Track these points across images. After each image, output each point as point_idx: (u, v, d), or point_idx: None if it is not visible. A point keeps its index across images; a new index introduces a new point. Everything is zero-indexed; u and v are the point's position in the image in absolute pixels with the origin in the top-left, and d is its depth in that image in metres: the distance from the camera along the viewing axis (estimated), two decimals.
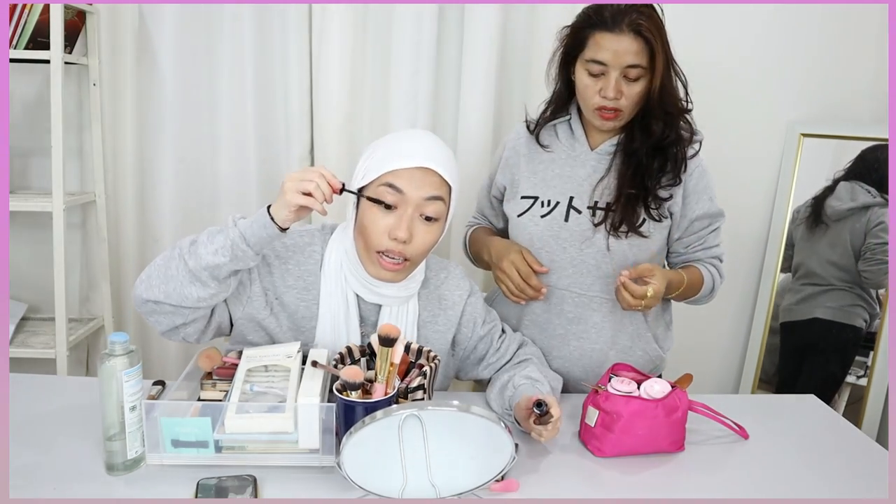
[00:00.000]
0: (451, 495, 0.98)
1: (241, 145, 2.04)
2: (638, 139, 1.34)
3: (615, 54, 1.25)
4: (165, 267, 1.13)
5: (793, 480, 1.11)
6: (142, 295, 1.14)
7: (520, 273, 1.36)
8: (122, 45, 1.97)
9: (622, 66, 1.26)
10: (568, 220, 1.38)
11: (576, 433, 1.21)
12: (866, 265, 2.03)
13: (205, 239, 1.11)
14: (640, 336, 1.43)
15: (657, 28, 1.26)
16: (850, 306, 2.08)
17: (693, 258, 1.46)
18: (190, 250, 1.11)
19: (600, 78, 1.29)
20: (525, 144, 1.47)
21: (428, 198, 1.15)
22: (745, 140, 2.16)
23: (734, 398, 1.80)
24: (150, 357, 2.12)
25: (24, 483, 0.99)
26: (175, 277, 1.11)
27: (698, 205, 1.40)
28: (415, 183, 1.14)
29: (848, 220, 2.06)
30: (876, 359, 2.03)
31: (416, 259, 1.19)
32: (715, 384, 2.32)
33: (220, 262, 1.09)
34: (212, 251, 1.09)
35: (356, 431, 0.93)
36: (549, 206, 1.40)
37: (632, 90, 1.28)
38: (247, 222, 1.11)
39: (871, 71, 2.11)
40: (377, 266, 1.18)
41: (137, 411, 1.02)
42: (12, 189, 2.06)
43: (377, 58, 2.02)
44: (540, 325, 1.44)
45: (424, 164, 1.14)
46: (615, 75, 1.26)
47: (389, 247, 1.14)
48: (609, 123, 1.34)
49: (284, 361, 1.15)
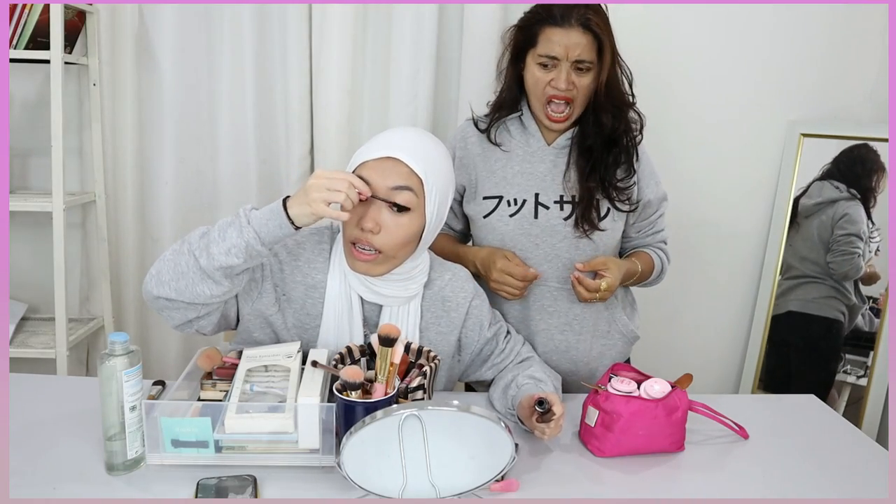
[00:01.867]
0: (451, 495, 0.98)
1: (241, 145, 2.04)
2: (591, 134, 1.39)
3: (565, 48, 1.31)
4: (175, 263, 1.11)
5: (793, 480, 1.11)
6: (152, 291, 1.13)
7: (514, 276, 1.37)
8: (122, 45, 1.97)
9: (572, 59, 1.32)
10: (538, 217, 1.40)
11: (576, 433, 1.21)
12: (833, 256, 2.09)
13: (216, 236, 1.08)
14: (615, 319, 1.48)
15: (604, 23, 1.32)
16: (823, 298, 2.11)
17: (643, 243, 1.54)
18: (200, 245, 1.09)
19: (552, 70, 1.34)
20: (477, 143, 1.48)
21: (393, 187, 1.14)
22: (745, 140, 2.16)
23: (734, 398, 1.80)
24: (150, 357, 2.12)
25: (24, 483, 0.99)
26: (186, 275, 1.09)
27: (648, 189, 1.45)
28: (381, 173, 1.14)
29: (816, 216, 2.12)
30: (876, 359, 2.03)
31: (389, 251, 1.16)
32: (715, 384, 2.32)
33: (233, 263, 1.08)
34: (224, 250, 1.07)
35: (356, 431, 0.93)
36: (515, 204, 1.41)
37: (582, 82, 1.33)
38: (261, 219, 1.08)
39: (871, 71, 2.12)
40: (353, 258, 1.18)
41: (137, 411, 1.02)
42: (12, 189, 2.06)
43: (377, 58, 2.02)
44: (523, 322, 1.46)
45: (390, 153, 1.14)
46: (566, 67, 1.32)
47: (359, 237, 1.15)
48: (558, 125, 1.39)
49: (284, 361, 1.15)
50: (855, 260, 2.05)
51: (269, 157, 2.07)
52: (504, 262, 1.38)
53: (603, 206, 1.40)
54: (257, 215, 1.09)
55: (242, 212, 1.10)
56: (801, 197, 2.16)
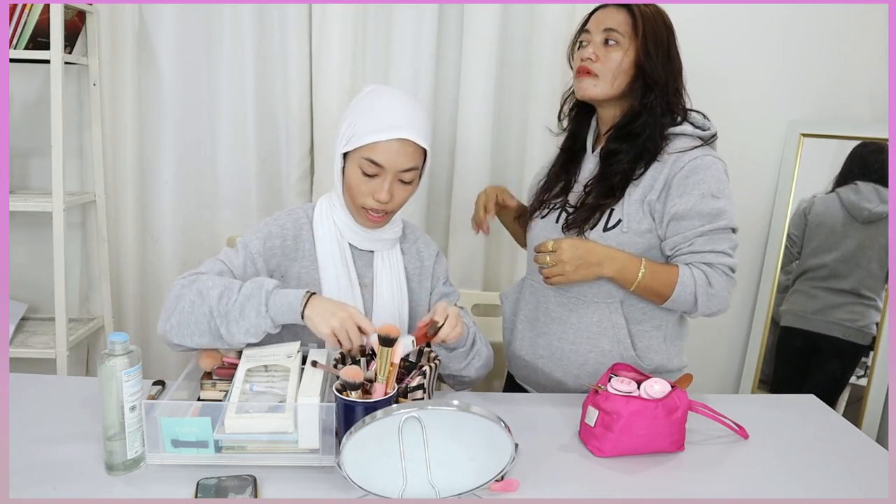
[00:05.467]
0: (451, 495, 0.98)
1: (241, 146, 2.04)
2: (618, 143, 1.35)
3: (599, 21, 1.34)
4: (196, 321, 1.18)
5: (793, 480, 1.11)
6: (172, 340, 1.21)
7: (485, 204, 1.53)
8: (122, 45, 1.97)
9: (601, 29, 1.33)
10: (558, 222, 1.40)
11: (576, 433, 1.22)
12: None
13: (237, 314, 1.16)
14: (619, 341, 1.36)
15: (651, 13, 1.33)
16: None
17: (680, 262, 1.31)
18: (220, 312, 1.17)
19: (587, 47, 1.35)
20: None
21: (404, 170, 1.27)
22: (745, 140, 2.16)
23: (734, 398, 1.80)
24: (150, 357, 2.12)
25: (24, 483, 0.99)
26: (207, 334, 1.19)
27: (681, 199, 1.28)
28: (392, 157, 1.25)
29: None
30: (876, 359, 2.03)
31: (395, 210, 1.34)
32: (715, 384, 2.32)
33: (251, 342, 1.19)
34: (244, 330, 1.17)
35: (356, 431, 0.93)
36: (547, 208, 1.44)
37: (609, 54, 1.32)
38: (278, 309, 1.17)
39: (871, 71, 2.12)
40: (364, 218, 1.32)
41: (137, 411, 1.02)
42: (12, 189, 2.06)
43: (377, 58, 2.03)
44: (530, 321, 1.46)
45: (401, 135, 1.24)
46: (596, 39, 1.34)
47: (373, 206, 1.28)
48: (581, 93, 1.37)
49: (284, 361, 1.15)
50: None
51: (269, 157, 2.07)
52: (492, 189, 1.59)
53: (614, 217, 1.32)
54: (276, 303, 1.17)
55: (264, 293, 1.17)
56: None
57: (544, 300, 1.43)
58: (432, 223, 2.16)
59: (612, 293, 1.36)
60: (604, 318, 1.36)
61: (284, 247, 1.33)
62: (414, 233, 1.47)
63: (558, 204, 1.43)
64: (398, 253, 1.41)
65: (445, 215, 2.15)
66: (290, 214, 1.38)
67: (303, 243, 1.35)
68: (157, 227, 2.09)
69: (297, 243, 1.35)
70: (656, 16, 1.34)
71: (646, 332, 1.38)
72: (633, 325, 1.37)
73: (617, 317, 1.36)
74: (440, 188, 2.14)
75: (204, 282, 1.20)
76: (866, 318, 2.06)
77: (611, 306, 1.36)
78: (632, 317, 1.37)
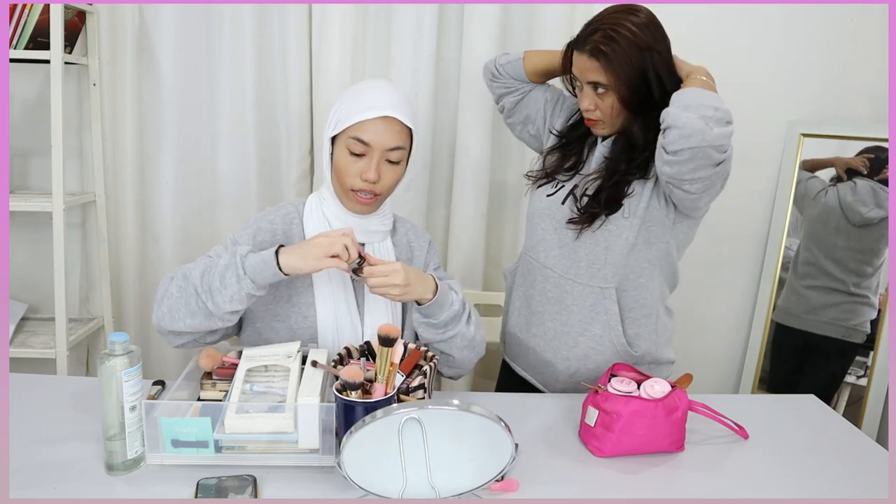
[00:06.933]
0: (451, 495, 0.98)
1: (241, 145, 2.04)
2: (620, 146, 1.39)
3: (581, 72, 1.34)
4: (185, 302, 1.20)
5: (793, 480, 1.12)
6: (166, 327, 1.23)
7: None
8: (122, 45, 1.97)
9: (585, 81, 1.34)
10: (564, 204, 1.42)
11: (576, 433, 1.22)
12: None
13: (218, 283, 1.17)
14: (610, 328, 1.40)
15: (624, 46, 1.27)
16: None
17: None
18: (204, 288, 1.18)
19: (579, 92, 1.38)
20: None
21: (391, 148, 1.27)
22: (746, 140, 2.15)
23: (734, 398, 1.80)
24: (150, 357, 2.12)
25: (24, 483, 0.99)
26: (197, 314, 1.20)
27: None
28: (379, 134, 1.26)
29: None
30: (876, 359, 2.03)
31: (385, 193, 1.33)
32: (715, 384, 2.32)
33: (237, 308, 1.20)
34: (227, 298, 1.18)
35: (356, 431, 0.93)
36: (555, 186, 1.46)
37: (602, 102, 1.34)
38: (255, 268, 1.18)
39: (871, 71, 2.11)
40: (353, 202, 1.31)
41: (137, 411, 1.02)
42: (12, 189, 2.06)
43: (377, 58, 2.02)
44: (525, 300, 1.50)
45: (386, 112, 1.25)
46: (587, 88, 1.35)
47: (362, 187, 1.28)
48: (595, 127, 1.40)
49: (284, 361, 1.15)
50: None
51: (269, 157, 2.07)
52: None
53: (596, 215, 1.37)
54: (251, 264, 1.18)
55: (238, 258, 1.18)
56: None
57: (542, 279, 1.45)
58: (432, 223, 2.16)
59: (607, 279, 1.38)
60: (598, 303, 1.40)
61: (274, 242, 1.33)
62: (404, 225, 1.47)
63: (566, 184, 1.44)
64: (389, 245, 1.40)
65: (445, 215, 2.15)
66: (279, 210, 1.38)
67: (293, 238, 1.35)
68: (157, 227, 2.09)
69: (287, 238, 1.34)
70: (622, 40, 1.27)
71: (636, 321, 1.42)
72: (625, 313, 1.41)
73: (610, 303, 1.39)
74: (440, 188, 2.14)
75: (188, 268, 1.23)
76: (860, 316, 2.07)
77: (605, 292, 1.39)
78: (624, 304, 1.41)
